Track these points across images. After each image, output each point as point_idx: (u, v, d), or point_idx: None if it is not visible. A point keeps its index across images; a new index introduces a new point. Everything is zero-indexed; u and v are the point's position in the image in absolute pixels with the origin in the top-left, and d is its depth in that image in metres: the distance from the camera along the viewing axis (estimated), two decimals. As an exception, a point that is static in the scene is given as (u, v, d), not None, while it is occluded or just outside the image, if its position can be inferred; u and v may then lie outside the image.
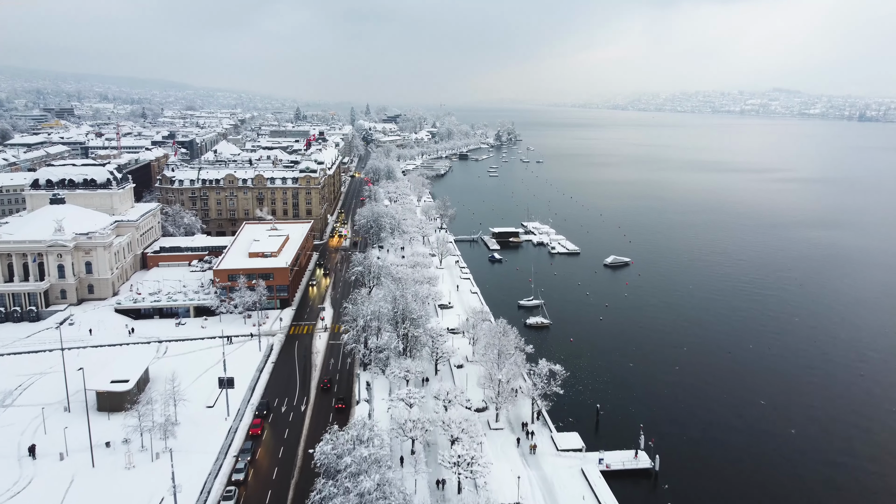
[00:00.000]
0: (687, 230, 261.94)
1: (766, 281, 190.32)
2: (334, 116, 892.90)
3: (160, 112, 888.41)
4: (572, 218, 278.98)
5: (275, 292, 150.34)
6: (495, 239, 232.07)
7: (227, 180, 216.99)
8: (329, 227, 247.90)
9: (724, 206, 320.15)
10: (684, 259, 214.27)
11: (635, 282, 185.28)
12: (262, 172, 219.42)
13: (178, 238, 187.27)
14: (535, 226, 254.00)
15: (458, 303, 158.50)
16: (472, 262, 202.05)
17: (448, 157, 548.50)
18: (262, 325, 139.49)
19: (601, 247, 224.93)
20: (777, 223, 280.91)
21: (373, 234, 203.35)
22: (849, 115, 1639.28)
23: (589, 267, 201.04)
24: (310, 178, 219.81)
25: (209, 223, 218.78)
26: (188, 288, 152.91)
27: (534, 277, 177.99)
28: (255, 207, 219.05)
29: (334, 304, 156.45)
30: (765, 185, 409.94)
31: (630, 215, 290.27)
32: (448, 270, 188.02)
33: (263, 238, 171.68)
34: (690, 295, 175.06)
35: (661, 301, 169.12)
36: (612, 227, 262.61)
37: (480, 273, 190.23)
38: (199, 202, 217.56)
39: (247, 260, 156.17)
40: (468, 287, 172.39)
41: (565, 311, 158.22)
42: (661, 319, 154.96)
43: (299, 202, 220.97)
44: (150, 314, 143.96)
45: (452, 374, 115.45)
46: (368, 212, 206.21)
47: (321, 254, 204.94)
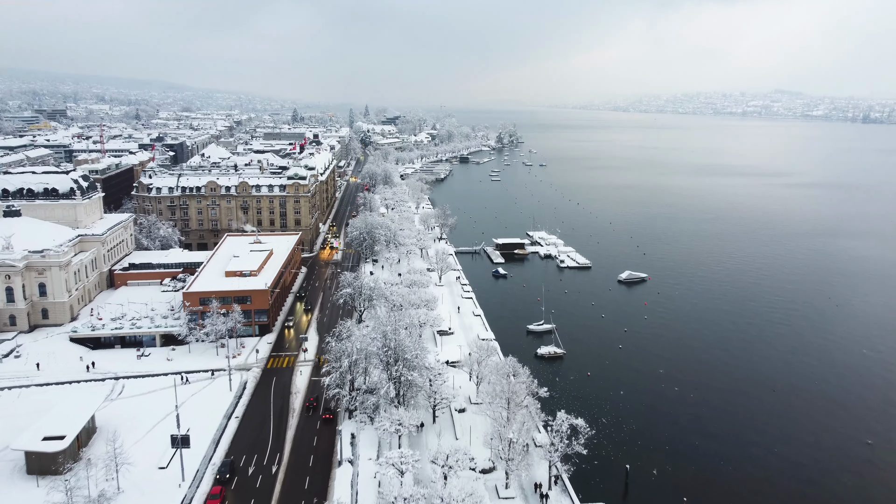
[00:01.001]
0: (703, 241, 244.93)
1: (796, 299, 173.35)
2: (333, 118, 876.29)
3: (155, 114, 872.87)
4: (580, 227, 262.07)
5: (253, 317, 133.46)
6: (499, 251, 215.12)
7: (208, 188, 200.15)
8: (321, 237, 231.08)
9: (739, 214, 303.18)
10: (704, 274, 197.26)
11: (654, 301, 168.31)
12: (247, 179, 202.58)
13: (152, 253, 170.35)
14: (542, 236, 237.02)
15: (460, 328, 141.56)
16: (475, 277, 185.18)
17: (448, 160, 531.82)
18: (236, 357, 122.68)
19: (614, 260, 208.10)
20: (796, 232, 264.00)
21: (366, 247, 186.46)
22: (852, 117, 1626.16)
23: (602, 283, 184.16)
24: (298, 185, 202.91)
25: (189, 234, 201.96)
26: (156, 312, 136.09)
27: (543, 296, 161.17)
28: (239, 217, 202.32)
29: (320, 328, 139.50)
30: (777, 190, 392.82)
31: (641, 224, 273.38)
32: (448, 288, 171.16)
33: (244, 254, 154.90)
34: (716, 317, 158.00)
35: (684, 325, 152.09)
36: (623, 237, 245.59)
37: (484, 291, 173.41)
38: (179, 211, 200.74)
39: (222, 280, 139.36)
40: (470, 308, 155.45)
41: (579, 337, 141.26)
42: (688, 347, 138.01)
43: (287, 212, 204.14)
44: (111, 343, 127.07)
45: (453, 422, 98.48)
46: (361, 223, 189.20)
47: (310, 269, 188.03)
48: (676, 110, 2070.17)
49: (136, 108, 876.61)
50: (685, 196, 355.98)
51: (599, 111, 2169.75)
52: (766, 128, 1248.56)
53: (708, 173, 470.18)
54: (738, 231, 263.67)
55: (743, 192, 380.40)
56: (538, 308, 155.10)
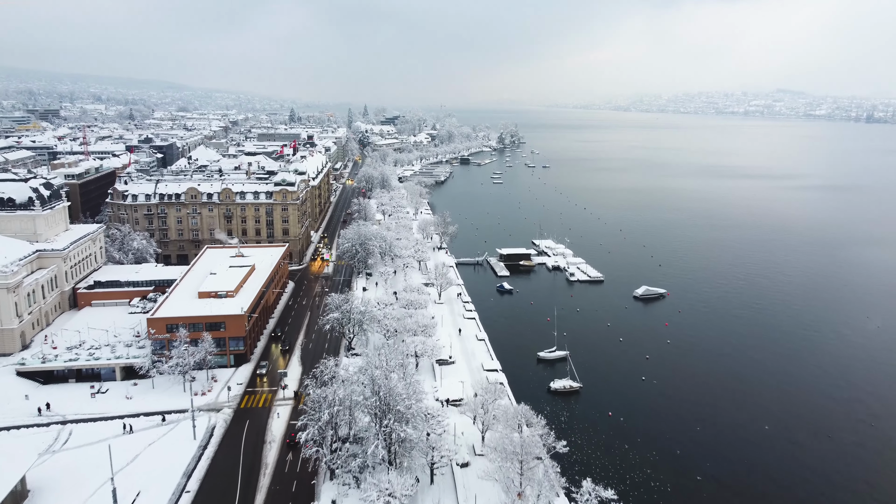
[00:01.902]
0: (720, 250, 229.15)
1: (833, 319, 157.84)
2: (331, 118, 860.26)
3: (150, 114, 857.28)
4: (589, 234, 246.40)
5: (227, 346, 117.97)
6: (503, 262, 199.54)
7: (188, 195, 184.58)
8: (312, 246, 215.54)
9: (754, 220, 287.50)
10: (726, 289, 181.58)
11: (676, 321, 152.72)
12: (231, 186, 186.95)
13: (122, 268, 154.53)
14: (549, 245, 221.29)
15: (462, 356, 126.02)
16: (478, 293, 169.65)
17: (448, 161, 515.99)
18: (206, 393, 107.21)
19: (627, 272, 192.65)
20: (819, 240, 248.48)
21: (359, 260, 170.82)
22: (856, 117, 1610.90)
23: (617, 300, 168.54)
24: (286, 192, 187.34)
25: (168, 245, 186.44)
26: (119, 339, 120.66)
27: (553, 316, 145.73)
28: (223, 227, 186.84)
29: (305, 357, 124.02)
30: (789, 193, 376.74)
31: (653, 231, 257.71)
32: (448, 306, 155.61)
33: (221, 270, 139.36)
34: (747, 342, 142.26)
35: (713, 350, 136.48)
36: (635, 246, 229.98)
37: (488, 309, 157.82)
38: (157, 220, 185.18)
39: (194, 303, 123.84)
40: (473, 331, 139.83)
41: (596, 365, 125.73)
42: (720, 378, 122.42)
43: (274, 220, 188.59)
44: (65, 377, 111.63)
45: (455, 484, 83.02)
46: (354, 233, 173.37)
47: (298, 283, 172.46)
48: (678, 110, 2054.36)
49: (129, 108, 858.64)
50: (695, 200, 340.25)
51: (600, 111, 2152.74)
52: (770, 127, 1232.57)
53: (715, 175, 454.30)
54: (756, 239, 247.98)
55: (754, 195, 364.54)
56: (548, 330, 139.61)
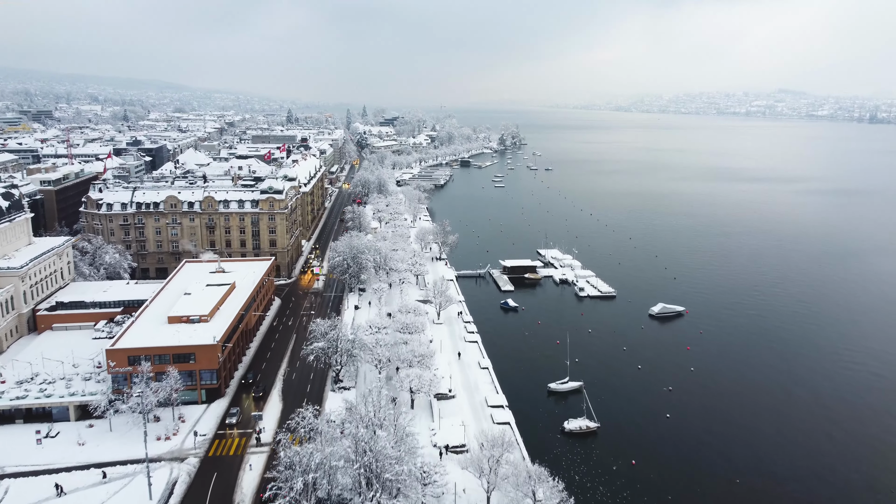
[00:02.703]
0: (736, 259, 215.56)
1: (866, 336, 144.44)
2: (330, 119, 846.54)
3: (145, 115, 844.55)
4: (598, 243, 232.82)
5: (198, 379, 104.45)
6: (507, 275, 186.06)
7: (168, 204, 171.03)
8: (303, 257, 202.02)
9: (768, 226, 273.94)
10: (747, 304, 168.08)
11: (698, 344, 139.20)
12: (213, 194, 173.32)
13: (90, 286, 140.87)
14: (555, 255, 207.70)
15: (463, 388, 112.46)
16: (480, 310, 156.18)
17: (448, 163, 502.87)
18: (170, 438, 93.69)
19: (640, 286, 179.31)
20: (837, 249, 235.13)
21: (351, 275, 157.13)
22: (859, 117, 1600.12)
23: (631, 318, 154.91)
24: (273, 200, 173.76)
25: (146, 258, 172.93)
26: (78, 370, 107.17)
27: (565, 340, 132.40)
28: (205, 238, 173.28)
29: (286, 390, 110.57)
30: (800, 198, 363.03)
31: (663, 239, 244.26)
32: (448, 326, 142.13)
33: (197, 290, 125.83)
34: (778, 366, 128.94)
35: (742, 379, 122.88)
36: (647, 256, 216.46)
37: (491, 330, 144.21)
38: (134, 231, 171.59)
39: (163, 329, 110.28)
40: (475, 356, 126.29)
41: (614, 399, 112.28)
42: (754, 415, 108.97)
43: (260, 231, 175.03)
44: (11, 417, 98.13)
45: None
46: (345, 246, 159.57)
47: (286, 300, 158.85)
48: (679, 110, 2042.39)
49: (123, 109, 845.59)
50: (704, 204, 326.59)
51: (601, 111, 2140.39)
52: (772, 128, 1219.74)
53: (723, 178, 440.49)
54: (772, 247, 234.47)
55: (764, 199, 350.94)
56: (559, 355, 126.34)
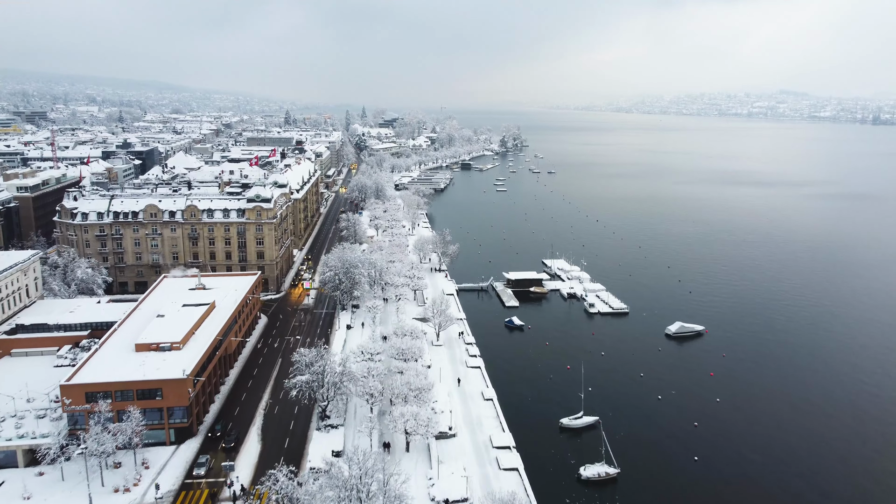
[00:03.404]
0: (753, 270, 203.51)
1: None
2: (329, 120, 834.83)
3: (141, 115, 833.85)
4: (605, 252, 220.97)
5: (166, 418, 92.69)
6: (511, 289, 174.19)
7: (147, 213, 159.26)
8: (294, 268, 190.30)
9: (782, 233, 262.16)
10: (774, 321, 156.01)
11: (721, 369, 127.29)
12: (196, 202, 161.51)
13: (59, 304, 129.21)
14: (562, 266, 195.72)
15: (465, 425, 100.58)
16: (483, 329, 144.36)
17: (449, 166, 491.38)
18: (130, 490, 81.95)
19: (654, 301, 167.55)
20: (858, 259, 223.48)
21: (343, 291, 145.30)
22: (861, 118, 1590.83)
23: (646, 338, 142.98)
24: (261, 209, 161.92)
25: (124, 272, 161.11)
26: (33, 405, 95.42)
27: (575, 364, 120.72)
28: (188, 250, 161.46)
29: (266, 428, 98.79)
30: (812, 203, 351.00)
31: (674, 247, 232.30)
32: (448, 349, 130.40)
33: (171, 311, 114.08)
34: (812, 392, 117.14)
35: (775, 411, 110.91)
36: (659, 267, 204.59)
37: (495, 352, 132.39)
38: (111, 243, 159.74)
39: (129, 358, 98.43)
40: (478, 385, 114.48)
41: (634, 438, 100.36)
42: (789, 454, 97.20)
43: (247, 242, 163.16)
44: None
45: None
46: (337, 259, 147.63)
47: (273, 317, 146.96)
48: (680, 111, 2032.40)
49: (118, 110, 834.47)
50: (714, 210, 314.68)
51: (602, 112, 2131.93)
52: (775, 129, 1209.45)
53: (729, 182, 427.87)
54: (789, 257, 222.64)
55: (775, 204, 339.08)
56: (570, 382, 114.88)
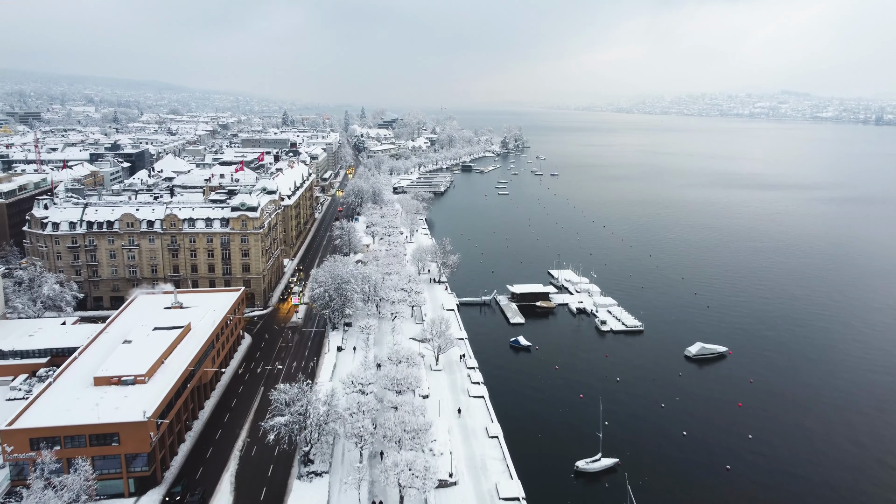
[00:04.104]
0: (774, 281, 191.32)
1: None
2: (328, 121, 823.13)
3: (138, 116, 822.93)
4: (614, 262, 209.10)
5: (124, 467, 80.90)
6: (516, 303, 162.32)
7: (123, 222, 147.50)
8: (285, 279, 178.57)
9: (799, 240, 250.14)
10: (804, 340, 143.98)
11: (750, 398, 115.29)
12: (176, 211, 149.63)
13: (19, 326, 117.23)
14: (569, 278, 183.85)
15: (467, 469, 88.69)
16: (487, 350, 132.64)
17: (449, 168, 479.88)
18: (78, 556, 70.28)
19: (670, 317, 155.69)
20: (886, 269, 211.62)
21: (334, 309, 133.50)
22: (864, 119, 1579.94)
23: (665, 361, 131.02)
24: (246, 218, 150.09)
25: (98, 286, 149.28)
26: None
27: (588, 392, 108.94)
28: (167, 263, 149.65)
29: (241, 473, 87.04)
30: (826, 208, 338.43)
31: (687, 256, 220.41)
32: (448, 374, 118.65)
33: (140, 336, 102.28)
34: (857, 426, 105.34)
35: (816, 452, 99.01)
36: (672, 278, 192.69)
37: (500, 378, 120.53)
38: (84, 255, 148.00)
39: (87, 394, 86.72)
40: (482, 419, 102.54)
41: (660, 484, 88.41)
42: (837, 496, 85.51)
43: (231, 254, 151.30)
44: None
45: None
46: (327, 274, 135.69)
47: (258, 337, 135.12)
48: (681, 112, 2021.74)
49: (113, 111, 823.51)
50: (725, 215, 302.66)
51: (602, 112, 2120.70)
52: (777, 130, 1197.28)
53: (737, 185, 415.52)
54: (809, 266, 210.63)
55: (788, 209, 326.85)
56: (584, 415, 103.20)
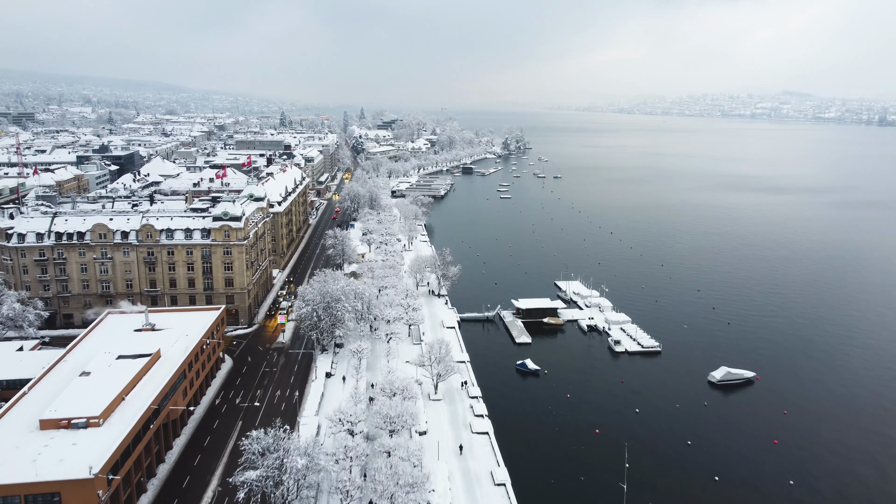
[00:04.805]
0: (799, 295, 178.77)
1: None
2: (326, 121, 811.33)
3: (133, 117, 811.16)
4: (624, 272, 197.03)
5: (68, 531, 69.09)
6: (521, 319, 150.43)
7: (95, 233, 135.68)
8: (273, 292, 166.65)
9: (819, 248, 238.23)
10: (837, 361, 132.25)
11: (786, 434, 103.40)
12: (153, 221, 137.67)
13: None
14: (578, 291, 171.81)
15: (471, 527, 77.21)
16: (491, 375, 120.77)
17: (449, 170, 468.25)
18: None
19: (689, 336, 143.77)
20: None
21: (323, 330, 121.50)
22: (867, 120, 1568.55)
23: (686, 387, 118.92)
24: (229, 229, 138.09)
25: (69, 303, 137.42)
26: None
27: (606, 427, 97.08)
28: (144, 277, 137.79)
29: (212, 533, 75.37)
30: (841, 212, 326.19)
31: (702, 265, 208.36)
32: (449, 405, 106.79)
33: (101, 366, 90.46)
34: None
35: (868, 496, 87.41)
36: (687, 290, 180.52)
37: (507, 408, 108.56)
38: (53, 269, 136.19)
39: (28, 440, 74.81)
40: (486, 461, 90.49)
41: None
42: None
43: (213, 267, 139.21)
44: None
45: None
46: (315, 292, 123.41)
47: (240, 360, 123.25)
48: (683, 112, 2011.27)
49: (108, 112, 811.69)
50: (738, 221, 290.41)
51: (603, 113, 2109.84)
52: (780, 131, 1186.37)
53: (745, 188, 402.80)
54: (833, 277, 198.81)
55: (803, 214, 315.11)
56: (602, 456, 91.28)
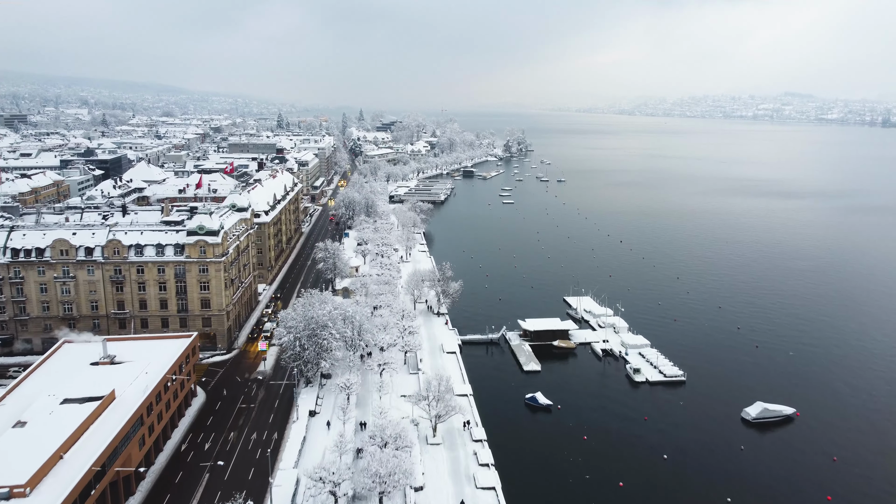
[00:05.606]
0: (831, 314, 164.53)
1: None
2: (325, 123, 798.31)
3: (128, 118, 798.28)
4: (638, 286, 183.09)
5: None
6: (529, 342, 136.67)
7: (56, 250, 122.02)
8: (258, 311, 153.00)
9: (843, 260, 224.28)
10: (890, 396, 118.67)
11: (840, 485, 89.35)
12: (121, 236, 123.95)
13: None
14: (589, 307, 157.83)
15: None
16: (497, 412, 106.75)
17: (450, 173, 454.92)
18: None
19: (715, 361, 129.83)
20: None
21: (307, 361, 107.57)
22: (871, 121, 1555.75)
23: (718, 426, 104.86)
24: (205, 245, 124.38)
25: (27, 327, 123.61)
26: None
27: (630, 477, 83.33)
28: (111, 298, 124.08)
29: None
30: (857, 218, 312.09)
31: (720, 278, 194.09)
32: (449, 451, 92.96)
33: (41, 414, 77.05)
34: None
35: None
36: (707, 307, 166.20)
37: (516, 453, 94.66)
38: (10, 289, 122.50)
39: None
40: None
41: None
42: None
43: (188, 287, 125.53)
44: None
45: None
46: (299, 317, 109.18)
47: (213, 396, 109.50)
48: (684, 114, 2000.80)
49: (103, 114, 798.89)
50: (747, 227, 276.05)
51: (604, 114, 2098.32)
52: (783, 132, 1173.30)
53: (754, 192, 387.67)
54: (865, 293, 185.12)
55: (816, 220, 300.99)
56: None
